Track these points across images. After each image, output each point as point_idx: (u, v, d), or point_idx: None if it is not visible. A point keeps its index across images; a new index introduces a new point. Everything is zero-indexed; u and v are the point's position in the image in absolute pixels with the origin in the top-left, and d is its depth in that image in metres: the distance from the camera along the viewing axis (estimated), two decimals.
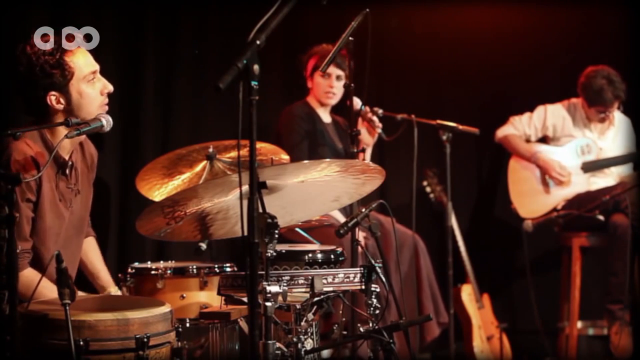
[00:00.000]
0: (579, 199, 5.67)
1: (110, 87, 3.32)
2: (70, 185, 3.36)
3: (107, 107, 3.32)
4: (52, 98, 3.22)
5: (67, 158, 3.33)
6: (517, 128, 5.87)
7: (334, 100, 5.27)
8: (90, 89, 3.27)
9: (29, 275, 3.16)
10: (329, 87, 5.20)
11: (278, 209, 2.94)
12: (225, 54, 5.32)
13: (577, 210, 5.56)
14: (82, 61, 3.26)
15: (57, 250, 3.25)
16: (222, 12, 5.50)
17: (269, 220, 2.65)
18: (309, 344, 3.07)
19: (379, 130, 5.02)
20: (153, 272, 3.74)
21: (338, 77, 5.18)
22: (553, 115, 5.87)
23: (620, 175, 5.83)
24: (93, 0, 4.99)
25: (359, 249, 3.73)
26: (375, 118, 4.94)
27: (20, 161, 3.17)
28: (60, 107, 3.24)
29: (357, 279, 3.04)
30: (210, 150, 4.11)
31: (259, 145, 3.62)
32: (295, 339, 2.99)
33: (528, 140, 5.90)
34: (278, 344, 2.86)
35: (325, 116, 5.33)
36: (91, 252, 3.68)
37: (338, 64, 5.06)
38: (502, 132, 5.91)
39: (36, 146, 3.24)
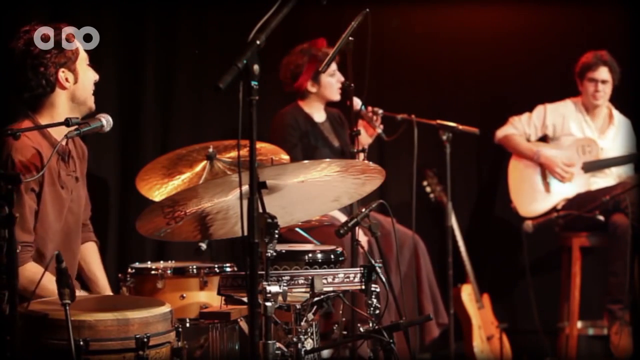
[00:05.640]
0: (579, 199, 5.67)
1: (97, 76, 3.48)
2: (70, 173, 3.42)
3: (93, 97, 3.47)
4: (62, 75, 3.35)
5: (65, 145, 3.40)
6: (516, 128, 5.87)
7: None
8: (89, 72, 3.45)
9: (31, 269, 3.18)
10: (337, 82, 5.20)
11: (278, 209, 2.94)
12: (225, 54, 5.32)
13: (577, 210, 5.56)
14: (79, 45, 3.44)
15: (60, 243, 3.28)
16: (222, 12, 5.50)
17: (269, 220, 2.65)
18: (309, 344, 3.07)
19: (379, 130, 5.02)
20: (153, 272, 3.74)
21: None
22: (552, 114, 5.87)
23: (620, 176, 5.83)
24: (93, 0, 4.99)
25: (359, 249, 3.73)
26: (376, 118, 4.93)
27: (23, 151, 3.21)
28: (68, 85, 3.37)
29: (357, 279, 3.04)
30: (210, 150, 4.10)
31: (259, 145, 3.62)
32: (295, 339, 2.99)
33: (528, 140, 5.89)
34: (278, 344, 2.85)
35: (319, 115, 5.30)
36: (90, 256, 3.68)
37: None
38: (502, 132, 5.91)
39: (33, 135, 3.28)
